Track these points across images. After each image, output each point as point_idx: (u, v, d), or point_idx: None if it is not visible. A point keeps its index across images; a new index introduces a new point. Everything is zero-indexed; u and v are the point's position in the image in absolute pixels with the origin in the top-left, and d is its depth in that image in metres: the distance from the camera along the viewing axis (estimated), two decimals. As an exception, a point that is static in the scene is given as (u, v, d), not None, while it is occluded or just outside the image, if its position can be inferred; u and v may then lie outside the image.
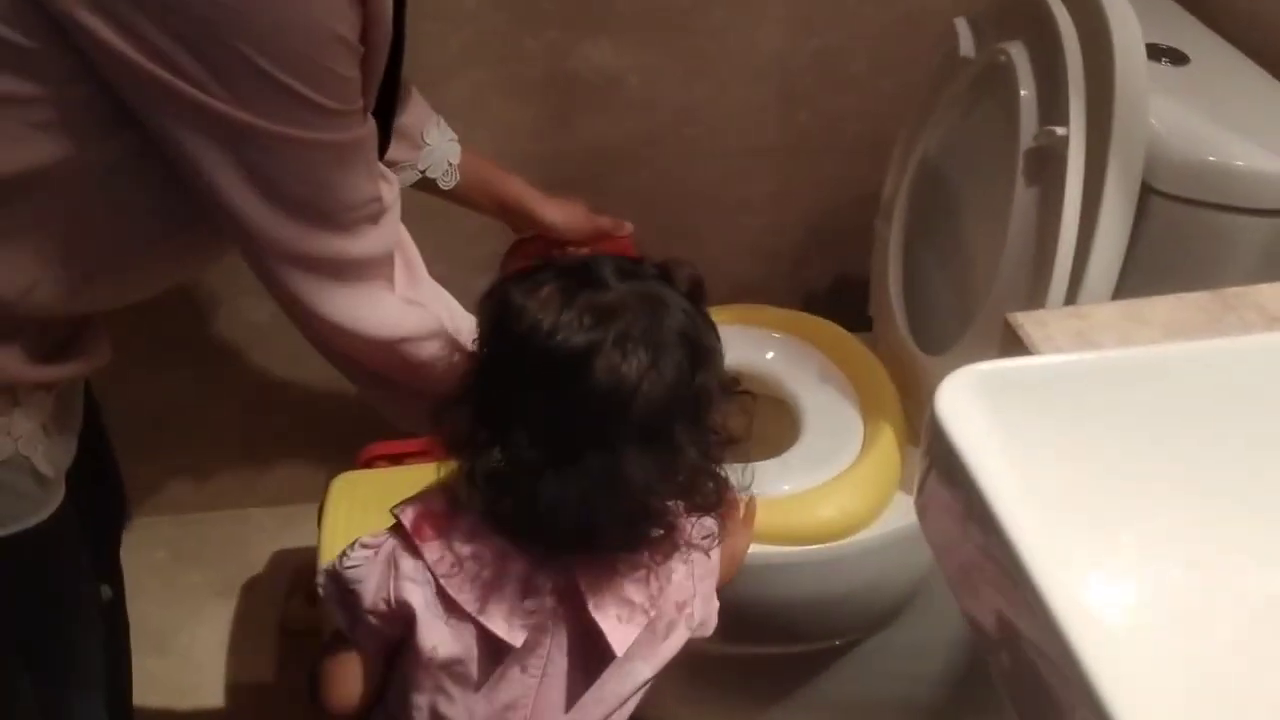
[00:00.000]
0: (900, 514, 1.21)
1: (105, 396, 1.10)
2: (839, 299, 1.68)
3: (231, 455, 1.73)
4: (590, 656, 0.89)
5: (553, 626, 0.87)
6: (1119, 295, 1.10)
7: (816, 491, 1.21)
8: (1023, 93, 1.15)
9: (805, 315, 1.44)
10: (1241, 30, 1.27)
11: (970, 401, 0.65)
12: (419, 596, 0.85)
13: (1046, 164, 1.11)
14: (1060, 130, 1.09)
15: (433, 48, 1.43)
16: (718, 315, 1.41)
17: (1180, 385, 0.68)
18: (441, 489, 0.88)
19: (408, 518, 0.87)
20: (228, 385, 1.65)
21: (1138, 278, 1.11)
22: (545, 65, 1.48)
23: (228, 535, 1.73)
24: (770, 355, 1.38)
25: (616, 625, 0.87)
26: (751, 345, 1.39)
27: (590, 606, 0.86)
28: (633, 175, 1.57)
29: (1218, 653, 0.61)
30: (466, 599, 0.85)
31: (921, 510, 0.69)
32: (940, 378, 0.66)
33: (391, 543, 0.87)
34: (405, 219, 0.94)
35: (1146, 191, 1.10)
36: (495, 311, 0.85)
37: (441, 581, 0.85)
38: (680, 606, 0.91)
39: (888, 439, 1.26)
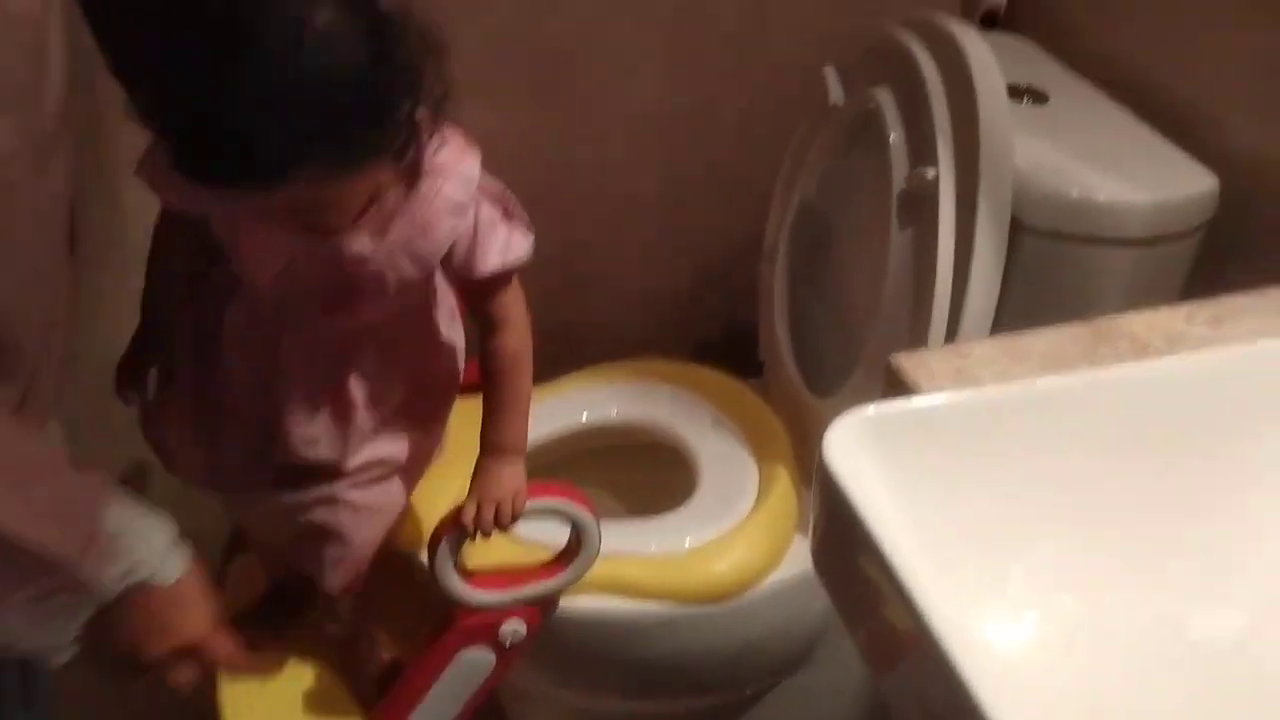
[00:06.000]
0: (799, 560, 1.22)
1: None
2: (731, 345, 1.68)
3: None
4: None
5: None
6: (997, 328, 1.12)
7: (715, 545, 1.21)
8: (892, 136, 1.18)
9: (694, 366, 1.44)
10: (1097, 69, 1.32)
11: (857, 444, 0.65)
12: None
13: (919, 205, 1.14)
14: (930, 172, 1.11)
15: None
16: (608, 372, 1.43)
17: (1059, 417, 0.70)
18: None
19: None
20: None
21: (1014, 311, 1.14)
22: (422, 128, 1.46)
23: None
24: (663, 410, 1.39)
25: None
26: (644, 400, 1.40)
27: None
28: (516, 234, 1.56)
29: (1110, 677, 0.62)
30: None
31: (815, 554, 0.69)
32: (831, 420, 0.66)
33: None
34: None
35: (1016, 228, 1.13)
36: None
37: None
38: None
39: (782, 486, 1.27)
